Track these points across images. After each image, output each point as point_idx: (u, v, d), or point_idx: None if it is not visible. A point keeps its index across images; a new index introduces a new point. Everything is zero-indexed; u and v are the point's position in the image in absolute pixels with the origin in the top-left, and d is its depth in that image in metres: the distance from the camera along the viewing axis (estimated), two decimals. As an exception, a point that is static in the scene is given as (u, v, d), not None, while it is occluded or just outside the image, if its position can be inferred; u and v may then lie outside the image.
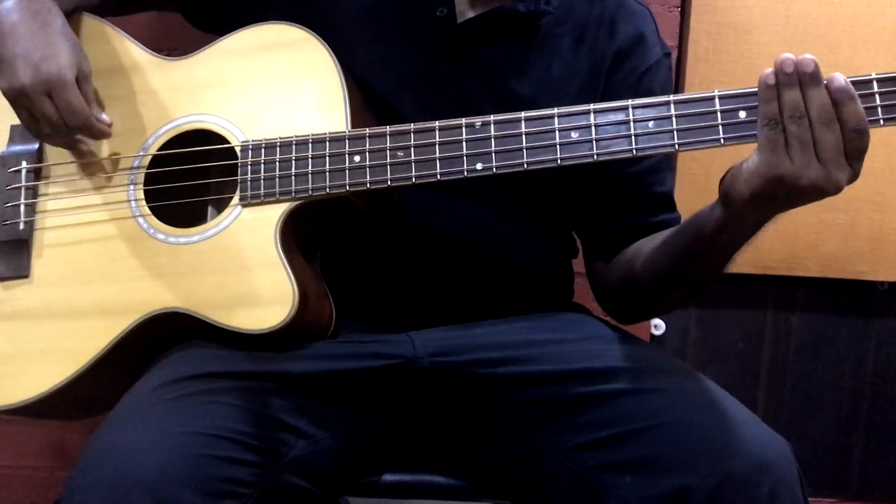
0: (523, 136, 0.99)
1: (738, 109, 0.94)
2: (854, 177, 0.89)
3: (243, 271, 1.02)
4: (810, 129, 0.88)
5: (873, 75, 0.91)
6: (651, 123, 0.96)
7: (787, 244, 1.67)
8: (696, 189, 1.59)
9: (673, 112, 0.96)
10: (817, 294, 1.77)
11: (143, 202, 1.09)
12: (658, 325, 1.74)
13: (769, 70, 0.89)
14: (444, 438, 1.11)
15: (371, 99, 1.13)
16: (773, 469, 0.92)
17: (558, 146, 0.98)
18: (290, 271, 1.01)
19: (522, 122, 1.00)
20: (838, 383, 1.80)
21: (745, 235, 1.00)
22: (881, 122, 0.91)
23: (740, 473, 0.91)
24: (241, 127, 1.08)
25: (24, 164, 1.13)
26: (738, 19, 1.68)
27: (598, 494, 0.97)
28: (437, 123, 1.02)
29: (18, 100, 1.06)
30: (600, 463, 0.98)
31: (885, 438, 1.81)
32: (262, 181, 1.04)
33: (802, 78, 0.88)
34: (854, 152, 0.88)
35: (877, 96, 0.91)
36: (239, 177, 1.05)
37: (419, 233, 1.13)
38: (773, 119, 0.89)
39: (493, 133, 1.00)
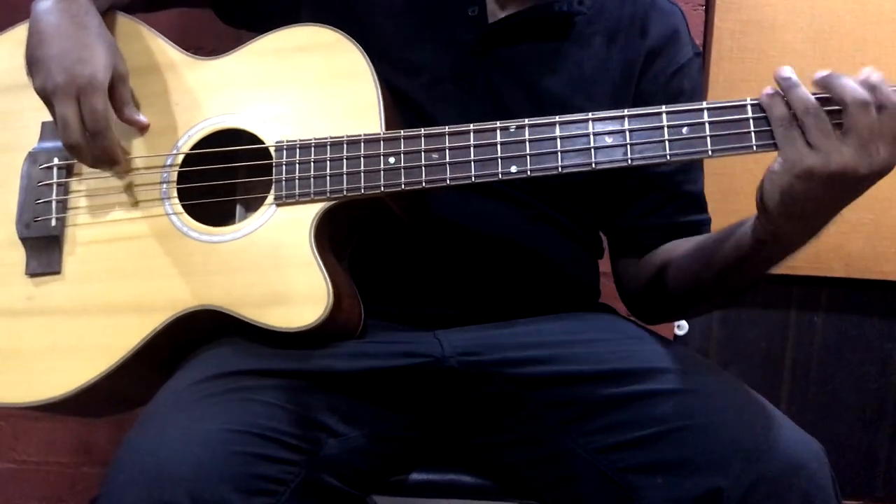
0: (558, 140, 0.99)
1: (770, 117, 0.94)
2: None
3: (277, 270, 1.03)
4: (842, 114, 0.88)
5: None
6: (685, 129, 0.96)
7: (811, 243, 1.67)
8: (720, 188, 1.59)
9: (706, 119, 0.96)
10: (842, 294, 1.76)
11: (177, 200, 1.09)
12: (681, 325, 1.74)
13: (767, 88, 0.93)
14: (471, 438, 1.11)
15: (402, 98, 1.13)
16: (806, 471, 0.93)
17: (593, 150, 0.98)
18: (324, 271, 1.01)
19: (557, 126, 1.00)
20: (863, 384, 1.79)
21: (786, 247, 0.99)
22: None
23: (773, 475, 0.91)
24: (273, 127, 1.08)
25: (55, 160, 1.13)
26: (762, 17, 1.67)
27: (627, 496, 0.97)
28: (471, 126, 1.02)
29: (51, 101, 1.06)
30: (630, 464, 0.98)
31: (910, 440, 1.80)
32: (296, 181, 1.04)
33: (784, 82, 0.91)
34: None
35: None
36: (273, 176, 1.05)
37: (446, 232, 1.13)
38: (783, 119, 0.91)
39: (527, 136, 1.00)
